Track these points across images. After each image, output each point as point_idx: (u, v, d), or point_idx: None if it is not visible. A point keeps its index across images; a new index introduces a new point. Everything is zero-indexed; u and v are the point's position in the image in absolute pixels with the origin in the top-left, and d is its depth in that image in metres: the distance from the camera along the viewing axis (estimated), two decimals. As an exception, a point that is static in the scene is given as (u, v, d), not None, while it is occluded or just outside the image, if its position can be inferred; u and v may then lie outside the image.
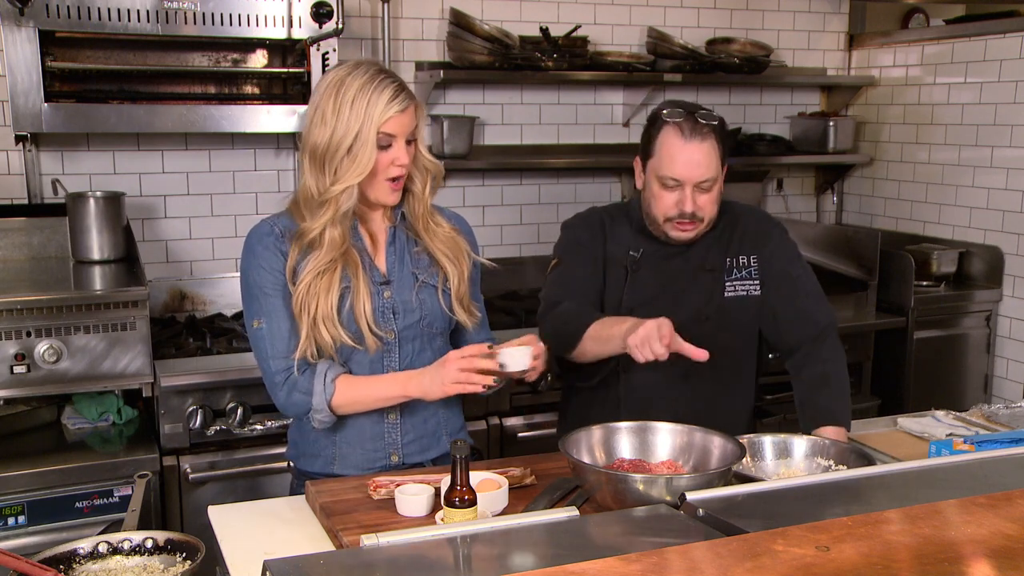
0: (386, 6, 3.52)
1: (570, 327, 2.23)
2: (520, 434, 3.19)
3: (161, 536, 1.75)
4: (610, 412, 2.26)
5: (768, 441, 2.02)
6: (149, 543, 1.74)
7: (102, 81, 3.12)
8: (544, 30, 3.68)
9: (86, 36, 3.01)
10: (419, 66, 3.70)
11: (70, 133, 3.23)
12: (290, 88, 3.34)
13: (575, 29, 3.76)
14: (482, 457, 2.54)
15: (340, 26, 3.17)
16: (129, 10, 2.93)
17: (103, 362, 2.75)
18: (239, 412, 2.84)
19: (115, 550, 1.73)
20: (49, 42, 2.94)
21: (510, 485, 1.90)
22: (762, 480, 1.85)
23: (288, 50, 3.28)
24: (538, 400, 3.17)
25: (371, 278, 2.05)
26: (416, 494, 1.85)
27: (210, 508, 1.98)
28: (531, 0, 3.84)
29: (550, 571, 1.18)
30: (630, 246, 2.35)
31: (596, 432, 1.92)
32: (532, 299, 3.44)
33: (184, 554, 1.73)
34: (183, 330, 3.24)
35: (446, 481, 1.72)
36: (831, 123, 4.28)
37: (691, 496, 1.49)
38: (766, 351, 2.44)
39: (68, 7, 2.87)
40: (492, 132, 3.89)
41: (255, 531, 1.88)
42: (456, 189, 3.83)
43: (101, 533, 2.06)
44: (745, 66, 3.98)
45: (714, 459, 1.86)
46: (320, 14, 3.14)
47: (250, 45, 3.28)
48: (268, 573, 1.26)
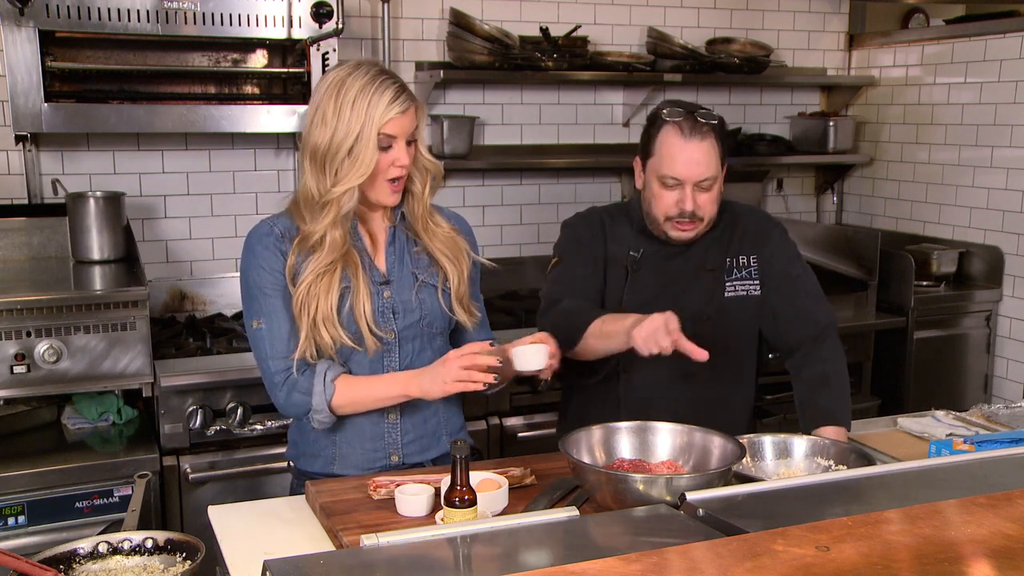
0: (386, 6, 3.52)
1: (572, 323, 2.22)
2: (520, 434, 3.19)
3: (161, 536, 1.75)
4: (610, 412, 2.27)
5: (768, 441, 2.03)
6: (149, 543, 1.74)
7: (102, 81, 3.12)
8: (544, 30, 3.68)
9: (86, 36, 3.01)
10: (419, 66, 3.69)
11: (70, 133, 3.23)
12: (290, 88, 3.34)
13: (575, 29, 3.76)
14: (482, 457, 2.54)
15: (340, 26, 3.17)
16: (129, 10, 2.93)
17: (103, 362, 2.75)
18: (239, 412, 2.84)
19: (115, 550, 1.73)
20: (49, 42, 2.94)
21: (510, 485, 1.90)
22: (762, 480, 1.85)
23: (288, 50, 3.28)
24: (538, 400, 3.17)
25: (371, 278, 2.04)
26: (416, 494, 1.85)
27: (210, 508, 1.98)
28: (531, 0, 3.84)
29: (550, 571, 1.18)
30: (630, 246, 2.35)
31: (596, 432, 1.93)
32: (532, 299, 3.44)
33: (184, 554, 1.73)
34: (183, 330, 3.24)
35: (446, 481, 1.72)
36: (831, 123, 4.28)
37: (691, 496, 1.49)
38: (766, 351, 2.45)
39: (68, 7, 2.87)
40: (492, 132, 3.89)
41: (255, 531, 1.88)
42: (456, 189, 3.83)
43: (101, 533, 2.06)
44: (745, 66, 3.98)
45: (714, 459, 1.86)
46: (320, 14, 3.14)
47: (250, 45, 3.28)
48: (268, 573, 1.26)
